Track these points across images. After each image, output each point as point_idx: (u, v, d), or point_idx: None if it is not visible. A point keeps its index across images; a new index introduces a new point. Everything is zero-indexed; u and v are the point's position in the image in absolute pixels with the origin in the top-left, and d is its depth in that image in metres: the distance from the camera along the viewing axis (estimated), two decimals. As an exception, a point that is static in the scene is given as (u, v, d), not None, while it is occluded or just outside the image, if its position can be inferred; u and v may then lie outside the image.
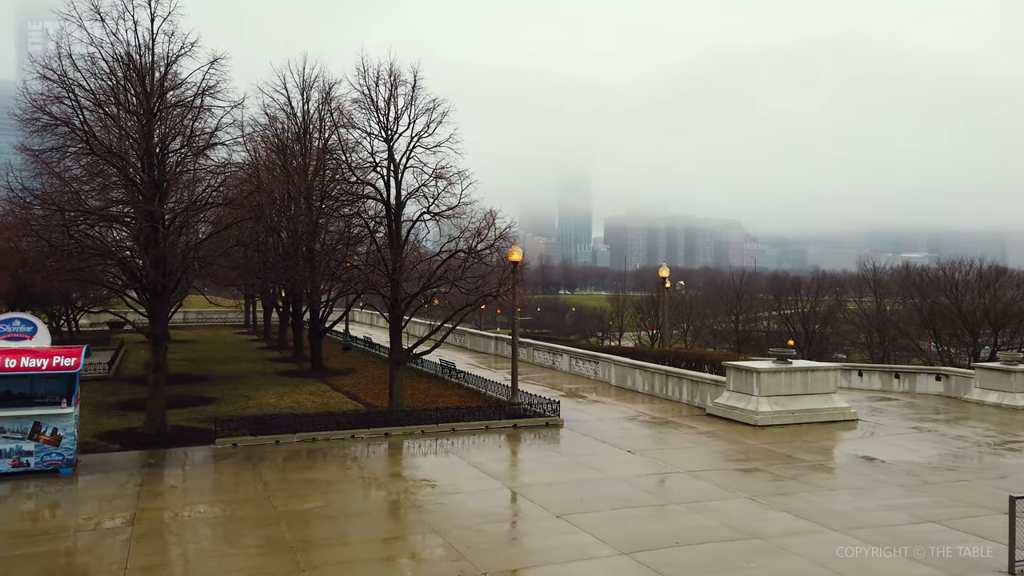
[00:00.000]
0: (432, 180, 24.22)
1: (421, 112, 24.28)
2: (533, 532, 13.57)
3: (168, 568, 11.57)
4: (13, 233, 20.20)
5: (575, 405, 27.06)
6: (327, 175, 32.32)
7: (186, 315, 65.89)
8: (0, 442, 16.33)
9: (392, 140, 24.24)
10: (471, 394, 27.99)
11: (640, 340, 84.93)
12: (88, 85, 20.69)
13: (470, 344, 49.41)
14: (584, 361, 35.65)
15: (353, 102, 25.20)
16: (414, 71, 24.31)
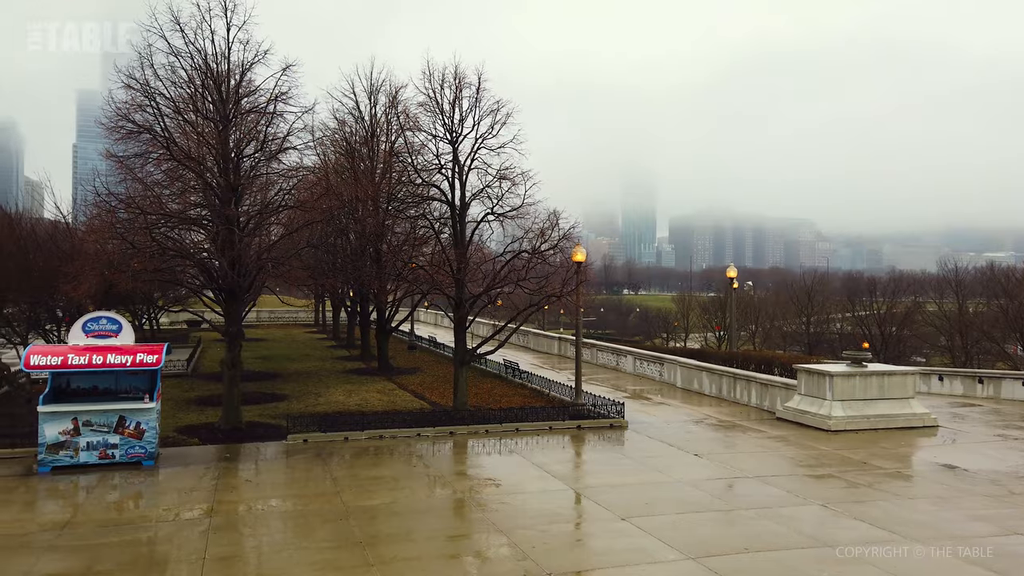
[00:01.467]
0: (496, 181, 24.37)
1: (485, 114, 24.48)
2: (598, 534, 13.49)
3: (243, 559, 11.97)
4: (100, 236, 21.18)
5: (640, 407, 26.78)
6: (394, 177, 32.89)
7: (259, 314, 68.00)
8: (88, 434, 17.20)
9: (457, 142, 24.48)
10: (534, 394, 28.01)
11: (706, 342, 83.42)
12: (169, 93, 21.57)
13: (533, 344, 49.45)
14: (649, 362, 35.23)
15: (419, 105, 25.59)
16: (478, 73, 24.51)
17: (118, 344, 18.19)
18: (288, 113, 22.28)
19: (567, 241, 24.09)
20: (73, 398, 17.76)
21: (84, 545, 12.37)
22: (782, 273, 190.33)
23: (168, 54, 21.40)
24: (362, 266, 32.87)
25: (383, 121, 35.81)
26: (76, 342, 18.07)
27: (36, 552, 12.00)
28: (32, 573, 11.16)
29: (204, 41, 21.42)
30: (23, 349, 20.95)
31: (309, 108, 22.75)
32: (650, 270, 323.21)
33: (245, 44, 21.68)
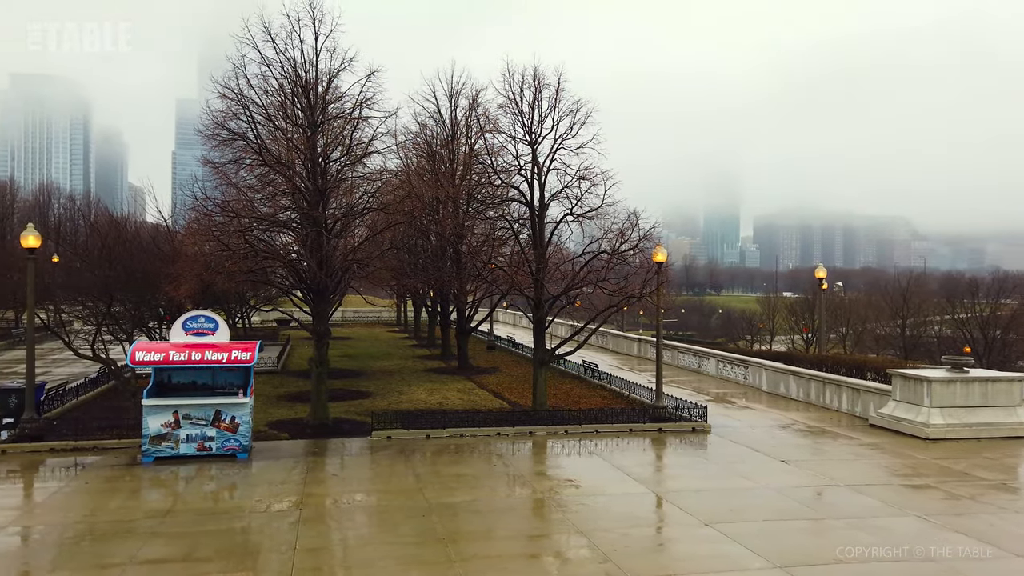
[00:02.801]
0: (575, 181, 24.28)
1: (564, 114, 24.43)
2: (680, 539, 13.26)
3: (330, 551, 12.36)
4: (198, 238, 22.29)
5: (723, 410, 26.16)
6: (473, 179, 33.29)
7: (344, 314, 69.99)
8: (187, 427, 18.12)
9: (536, 143, 24.53)
10: (614, 396, 27.77)
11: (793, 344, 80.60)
12: (261, 101, 22.49)
13: (612, 345, 49.03)
14: (732, 365, 34.37)
15: (498, 107, 25.79)
16: (558, 74, 24.49)
17: (215, 342, 19.08)
18: (372, 118, 22.91)
19: (647, 241, 23.78)
20: (173, 392, 18.75)
21: (184, 533, 13.04)
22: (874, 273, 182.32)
23: (260, 64, 22.35)
24: (442, 267, 33.38)
25: (463, 124, 36.28)
26: (176, 339, 19.07)
27: (141, 538, 12.72)
28: (137, 557, 11.84)
29: (293, 50, 22.26)
30: (129, 346, 22.25)
31: (392, 113, 23.30)
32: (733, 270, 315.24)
33: (332, 52, 22.41)
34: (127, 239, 29.17)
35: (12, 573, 11.46)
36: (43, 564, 11.82)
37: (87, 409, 23.89)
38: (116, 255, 25.84)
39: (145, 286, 25.36)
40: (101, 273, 25.03)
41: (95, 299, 25.26)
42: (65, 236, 45.40)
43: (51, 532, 13.08)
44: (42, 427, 19.78)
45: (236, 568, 11.46)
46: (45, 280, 26.74)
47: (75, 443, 19.03)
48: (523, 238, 26.84)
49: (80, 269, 27.73)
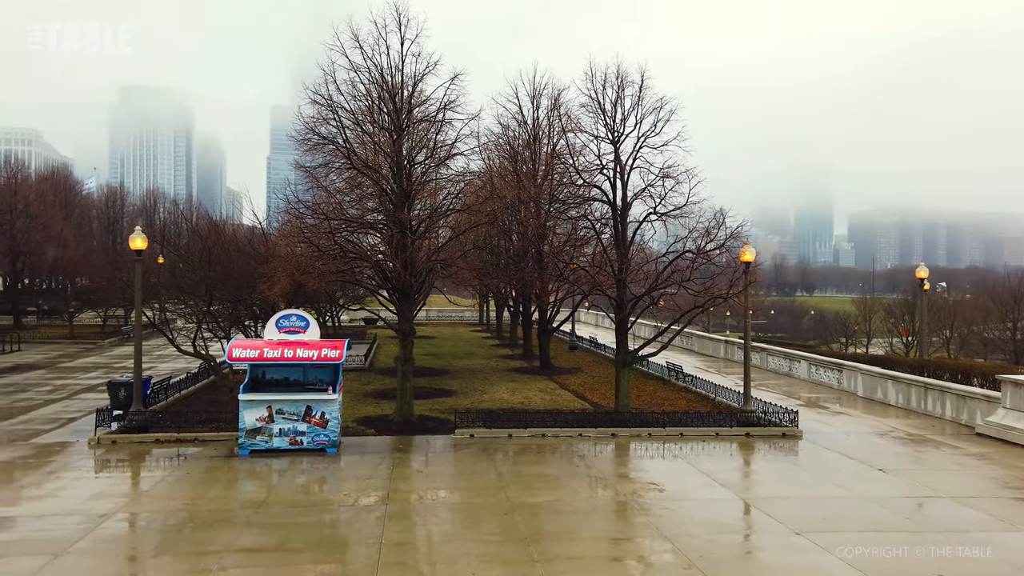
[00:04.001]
0: (659, 180, 23.89)
1: (648, 112, 24.08)
2: (769, 547, 12.82)
3: (415, 546, 12.58)
4: (291, 240, 23.16)
5: (815, 416, 25.19)
6: (555, 179, 33.25)
7: (428, 313, 71.28)
8: (280, 422, 18.85)
9: (618, 141, 24.27)
10: (699, 399, 27.17)
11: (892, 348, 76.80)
12: (349, 106, 23.15)
13: (698, 347, 48.00)
14: (825, 369, 33.05)
15: (580, 106, 25.63)
16: (641, 71, 24.16)
17: (306, 339, 19.78)
18: (456, 120, 23.22)
19: (734, 240, 23.15)
20: (267, 388, 19.52)
21: (277, 523, 13.55)
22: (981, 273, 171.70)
23: (349, 70, 23.01)
24: (524, 267, 33.49)
25: (545, 124, 36.31)
26: (270, 337, 19.86)
27: (237, 527, 13.31)
28: (234, 546, 12.39)
29: (380, 56, 22.80)
30: (226, 343, 23.35)
31: (475, 115, 23.53)
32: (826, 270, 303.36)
33: (417, 56, 22.83)
34: (225, 241, 30.57)
35: (121, 557, 12.21)
36: (148, 549, 12.52)
37: (188, 403, 25.22)
38: (215, 256, 27.14)
39: (241, 286, 26.53)
40: (202, 273, 26.34)
41: (196, 298, 26.61)
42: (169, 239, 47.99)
43: (155, 519, 13.85)
44: (148, 419, 21.00)
45: (325, 559, 11.82)
46: (151, 280, 28.37)
47: (178, 435, 20.10)
48: (605, 238, 26.62)
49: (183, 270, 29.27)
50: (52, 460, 18.12)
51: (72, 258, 65.73)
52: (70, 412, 24.46)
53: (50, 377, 32.93)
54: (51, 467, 17.46)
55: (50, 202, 73.31)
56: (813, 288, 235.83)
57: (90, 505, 14.44)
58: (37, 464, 17.74)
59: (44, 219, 65.63)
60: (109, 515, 13.87)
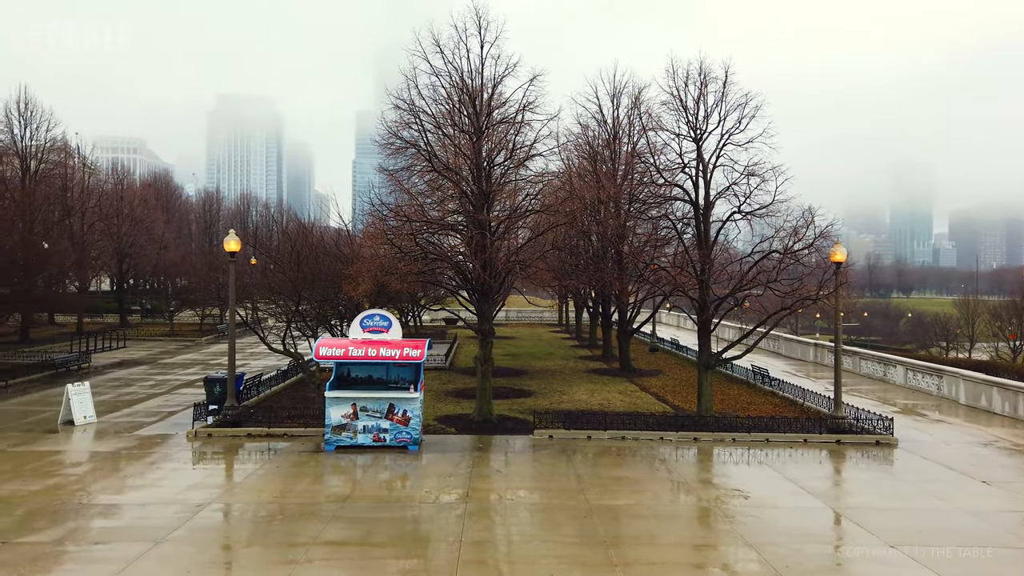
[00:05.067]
0: (743, 178, 23.31)
1: (732, 109, 23.53)
2: (860, 559, 12.27)
3: (494, 545, 12.66)
4: (375, 241, 23.75)
5: (912, 423, 23.97)
6: (635, 178, 32.85)
7: (507, 313, 71.69)
8: (364, 419, 19.34)
9: (701, 139, 23.79)
10: (786, 404, 26.29)
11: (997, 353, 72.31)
12: (430, 110, 23.55)
13: (785, 350, 46.47)
14: (924, 374, 31.40)
15: (661, 104, 25.28)
16: (725, 67, 23.64)
17: (388, 339, 20.23)
18: (535, 121, 23.27)
19: (824, 240, 22.31)
20: (352, 386, 20.06)
21: (361, 518, 13.91)
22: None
23: (430, 74, 23.41)
24: (604, 267, 33.23)
25: (625, 123, 35.94)
26: (355, 336, 20.41)
27: (324, 520, 13.73)
28: (320, 538, 12.79)
29: (460, 59, 23.09)
30: (314, 341, 24.13)
31: (554, 115, 23.53)
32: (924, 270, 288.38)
33: (496, 59, 23.02)
34: (313, 243, 31.62)
35: (215, 546, 12.79)
36: (241, 539, 13.08)
37: (278, 399, 26.20)
38: (303, 258, 28.09)
39: (328, 286, 27.37)
40: (291, 274, 27.32)
41: (286, 298, 27.62)
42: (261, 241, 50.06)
43: (247, 510, 14.45)
44: (241, 414, 21.94)
45: (407, 555, 12.05)
46: (244, 280, 29.64)
47: (268, 430, 20.92)
48: (687, 238, 26.13)
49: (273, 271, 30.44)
50: (153, 451, 19.17)
51: (172, 259, 69.51)
52: (170, 406, 25.83)
53: (152, 372, 34.87)
54: (152, 458, 18.48)
55: (152, 206, 77.79)
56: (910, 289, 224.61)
57: (188, 495, 15.20)
58: (140, 455, 18.81)
59: (147, 223, 69.66)
60: (205, 505, 14.56)
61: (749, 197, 23.23)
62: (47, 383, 30.28)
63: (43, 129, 53.61)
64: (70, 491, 15.37)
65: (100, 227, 60.69)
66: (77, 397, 22.50)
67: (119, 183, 74.55)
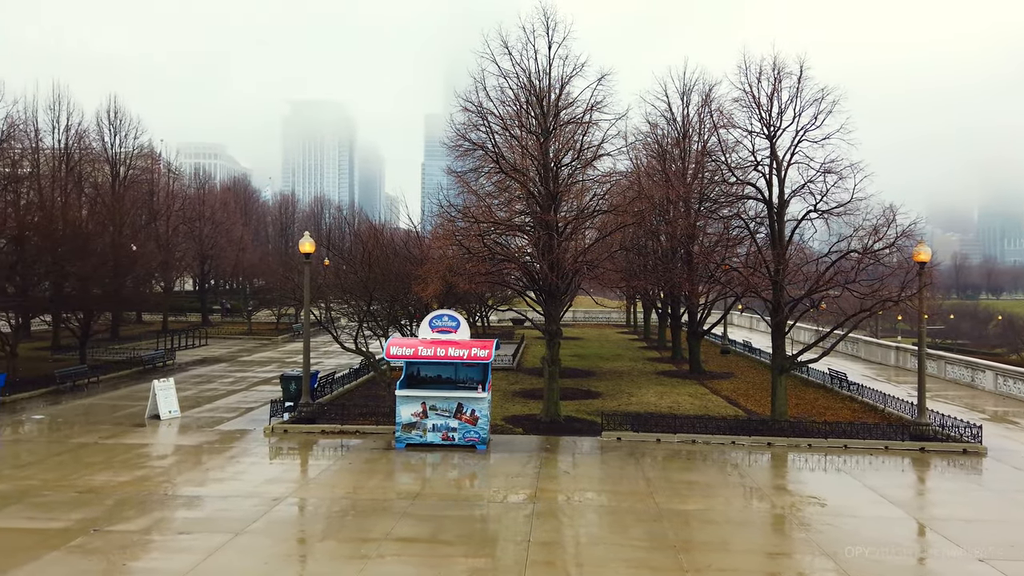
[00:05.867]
0: (819, 175, 22.58)
1: (807, 104, 22.83)
2: (947, 573, 11.71)
3: (562, 546, 12.63)
4: (443, 243, 24.04)
5: (1003, 432, 22.74)
6: (706, 177, 32.23)
7: (575, 314, 71.44)
8: (434, 418, 19.60)
9: (774, 136, 23.17)
10: (865, 409, 25.34)
11: (1097, 357, 67.80)
12: (498, 112, 23.69)
13: (864, 353, 44.78)
14: (1016, 380, 29.76)
15: (733, 101, 24.75)
16: (800, 61, 22.95)
17: (457, 339, 20.44)
18: (602, 121, 23.14)
19: (906, 239, 21.40)
20: (421, 385, 20.36)
21: (430, 515, 14.10)
22: None
23: (498, 76, 23.54)
24: (673, 268, 32.74)
25: (695, 121, 35.32)
26: (424, 336, 20.71)
27: (395, 516, 13.98)
28: (391, 534, 13.02)
29: (528, 61, 23.15)
30: (384, 341, 24.60)
31: (622, 115, 23.34)
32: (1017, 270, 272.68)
33: (564, 59, 22.99)
34: (383, 244, 32.22)
35: (291, 539, 13.19)
36: (316, 532, 13.44)
37: (350, 396, 26.84)
38: (374, 259, 28.66)
39: (398, 287, 27.85)
40: (362, 275, 27.91)
41: (358, 298, 28.25)
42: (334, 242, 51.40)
43: (321, 505, 14.84)
44: (315, 411, 22.55)
45: (476, 553, 12.15)
46: (318, 281, 30.45)
47: (341, 427, 21.43)
48: (760, 237, 25.51)
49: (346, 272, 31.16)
50: (233, 446, 19.91)
51: (250, 261, 72.05)
52: (248, 402, 26.76)
53: (231, 370, 36.22)
54: (232, 452, 19.19)
55: (232, 210, 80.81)
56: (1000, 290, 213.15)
57: (265, 489, 15.71)
58: (220, 449, 19.56)
59: (227, 225, 72.43)
60: (281, 499, 15.03)
61: (826, 195, 22.52)
62: (135, 379, 31.82)
63: (131, 137, 56.39)
64: (156, 482, 16.11)
65: (184, 230, 63.46)
66: (162, 393, 23.57)
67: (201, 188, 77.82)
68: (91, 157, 53.30)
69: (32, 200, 40.53)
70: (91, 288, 34.07)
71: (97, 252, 35.76)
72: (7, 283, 32.04)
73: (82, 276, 33.35)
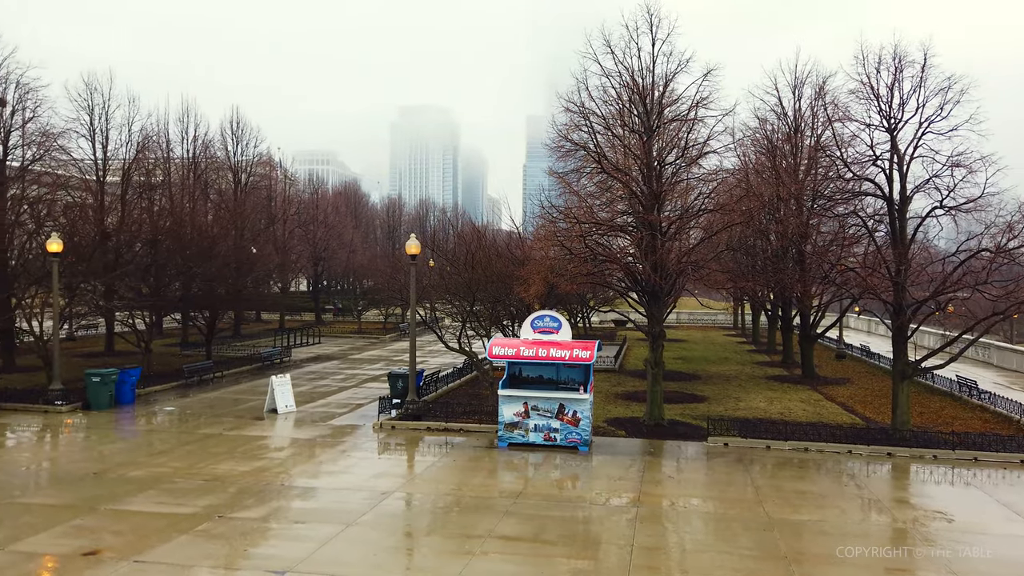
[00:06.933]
0: (946, 169, 21.10)
1: (932, 94, 21.38)
2: (1096, 603, 10.70)
3: (667, 552, 12.40)
4: (544, 244, 24.13)
5: None
6: (819, 173, 30.82)
7: (679, 316, 69.99)
8: (536, 418, 19.69)
9: (895, 129, 21.86)
10: (999, 420, 23.53)
11: None
12: (600, 112, 23.54)
13: (997, 359, 41.57)
14: None
15: (849, 93, 23.47)
16: (924, 48, 21.53)
17: (558, 340, 20.46)
18: (708, 117, 22.55)
19: (1047, 235, 19.68)
20: (523, 385, 20.49)
21: (532, 515, 14.17)
22: None
23: (600, 76, 23.38)
24: (784, 268, 31.48)
25: (807, 115, 33.87)
26: (526, 337, 20.85)
27: (497, 515, 14.14)
28: (494, 532, 13.18)
29: (631, 58, 22.87)
30: (487, 341, 24.93)
31: (729, 110, 22.69)
32: None
33: (668, 56, 22.57)
34: (486, 246, 32.67)
35: (399, 532, 13.59)
36: (421, 527, 13.80)
37: (453, 395, 27.37)
38: (477, 260, 29.12)
39: (500, 287, 28.16)
40: (465, 276, 28.41)
41: (461, 299, 28.78)
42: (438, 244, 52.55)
43: (427, 500, 15.22)
44: (421, 408, 23.14)
45: (578, 555, 12.11)
46: (423, 282, 31.22)
47: (445, 424, 21.90)
48: (879, 236, 24.12)
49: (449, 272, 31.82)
50: (344, 440, 20.72)
51: (359, 262, 74.83)
52: (358, 399, 27.78)
53: (342, 367, 37.70)
54: (343, 447, 19.97)
55: (343, 213, 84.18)
56: None
57: (374, 483, 16.27)
58: (333, 443, 20.39)
59: (338, 228, 75.49)
60: (389, 493, 15.51)
61: (953, 190, 21.03)
62: (255, 374, 33.67)
63: (251, 145, 59.76)
64: (274, 473, 16.98)
65: (299, 233, 66.60)
66: (280, 388, 24.83)
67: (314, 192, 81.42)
68: (216, 165, 56.90)
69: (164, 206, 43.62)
70: (216, 288, 36.29)
71: (221, 254, 38.07)
72: (142, 284, 34.68)
73: (208, 277, 35.62)
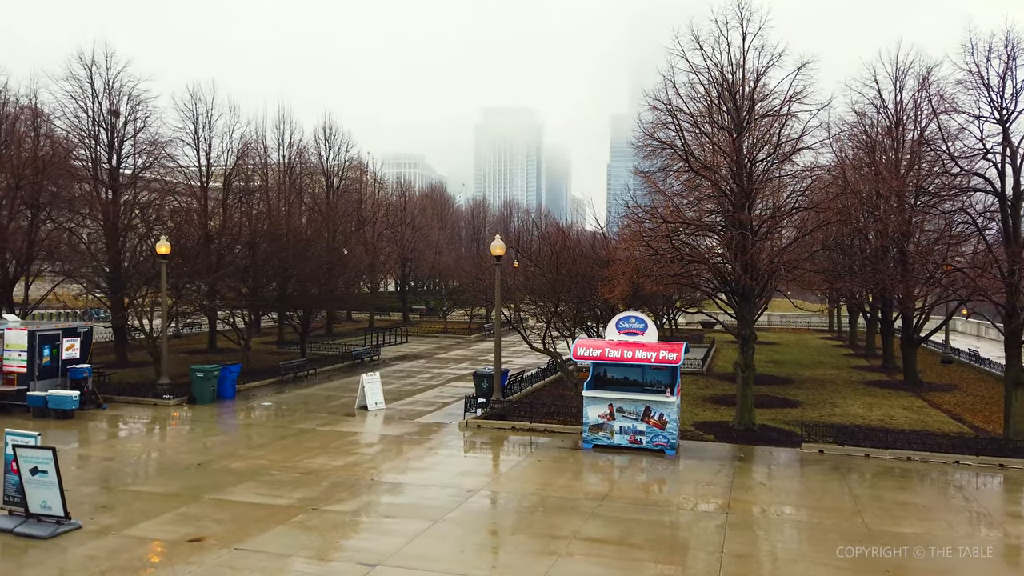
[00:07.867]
0: (1068, 161, 19.64)
1: (1049, 81, 19.96)
2: None
3: (758, 561, 12.04)
4: (630, 244, 23.86)
5: None
6: (923, 168, 29.23)
7: (770, 318, 67.82)
8: (621, 420, 19.50)
9: (1008, 120, 20.54)
10: None
11: None
12: (687, 109, 23.06)
13: (1125, 366, 38.28)
14: None
15: (956, 83, 22.24)
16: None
17: (644, 341, 20.19)
18: (802, 112, 21.76)
19: None
20: (608, 386, 20.34)
21: (618, 518, 14.04)
22: None
23: (688, 72, 22.93)
24: (883, 268, 30.00)
25: (910, 107, 32.14)
26: (611, 337, 20.67)
27: (583, 516, 14.08)
28: (580, 534, 13.13)
29: (720, 54, 22.33)
30: (571, 342, 24.88)
31: (825, 104, 21.80)
32: None
33: (760, 50, 21.92)
34: (570, 246, 32.61)
35: (484, 530, 13.74)
36: (506, 526, 13.90)
37: (538, 395, 27.43)
38: (561, 261, 29.10)
39: (584, 288, 28.04)
40: (550, 277, 28.43)
41: (545, 299, 28.82)
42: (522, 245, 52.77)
43: (511, 499, 15.31)
44: (506, 408, 23.30)
45: (666, 560, 11.93)
46: (507, 283, 31.45)
47: (530, 424, 21.98)
48: (990, 234, 22.69)
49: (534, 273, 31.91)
50: (431, 438, 21.10)
51: (445, 263, 76.06)
52: (444, 397, 28.24)
53: (429, 366, 38.42)
54: (430, 444, 20.35)
55: (429, 215, 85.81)
56: None
57: (460, 480, 16.50)
58: (420, 440, 20.81)
59: (425, 230, 77.01)
60: (475, 491, 15.70)
61: (1075, 184, 19.55)
62: (346, 372, 34.74)
63: (343, 150, 61.70)
64: (364, 468, 17.48)
65: (387, 235, 68.31)
66: (370, 386, 25.53)
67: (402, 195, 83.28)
68: (309, 170, 59.04)
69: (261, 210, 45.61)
70: (310, 289, 37.69)
71: (315, 256, 39.49)
72: (242, 284, 36.37)
73: (302, 278, 37.02)
